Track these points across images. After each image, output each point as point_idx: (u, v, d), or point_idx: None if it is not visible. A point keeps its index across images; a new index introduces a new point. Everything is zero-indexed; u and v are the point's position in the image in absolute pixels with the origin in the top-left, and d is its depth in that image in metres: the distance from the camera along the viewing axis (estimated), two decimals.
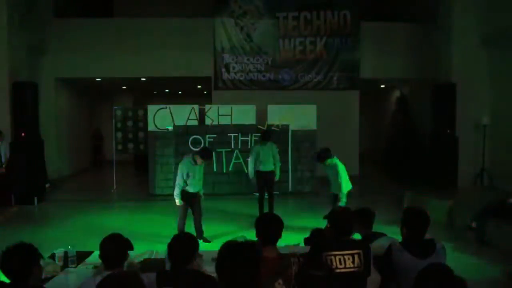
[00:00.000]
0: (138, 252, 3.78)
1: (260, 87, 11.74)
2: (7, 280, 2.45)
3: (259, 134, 9.66)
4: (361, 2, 12.02)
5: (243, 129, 9.73)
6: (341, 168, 5.92)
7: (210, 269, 2.83)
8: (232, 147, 9.72)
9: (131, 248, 2.78)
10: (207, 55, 11.61)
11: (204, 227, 6.18)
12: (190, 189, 5.98)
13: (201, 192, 6.21)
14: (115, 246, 2.68)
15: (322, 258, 2.80)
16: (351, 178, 6.09)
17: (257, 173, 7.29)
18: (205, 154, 5.94)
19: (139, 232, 6.40)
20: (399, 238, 3.12)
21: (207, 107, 10.05)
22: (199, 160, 5.91)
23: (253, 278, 2.07)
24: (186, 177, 5.89)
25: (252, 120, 9.94)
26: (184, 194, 5.98)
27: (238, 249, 2.15)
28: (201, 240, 5.98)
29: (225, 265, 2.08)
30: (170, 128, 9.67)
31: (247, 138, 9.71)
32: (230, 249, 2.14)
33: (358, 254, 2.87)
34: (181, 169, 5.90)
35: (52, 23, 11.19)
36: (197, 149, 9.59)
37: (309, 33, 11.83)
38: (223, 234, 6.39)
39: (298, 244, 3.93)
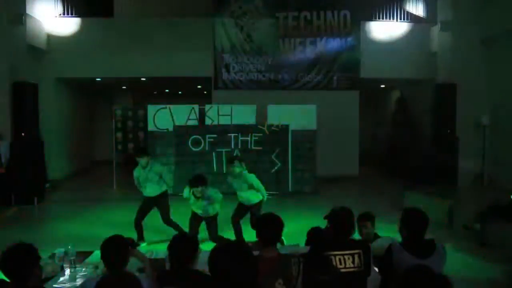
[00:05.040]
0: None
1: (260, 87, 11.73)
2: (7, 280, 2.45)
3: (259, 134, 9.69)
4: (361, 2, 12.02)
5: (243, 129, 9.72)
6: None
7: None
8: (232, 147, 9.71)
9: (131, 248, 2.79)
10: (207, 55, 11.60)
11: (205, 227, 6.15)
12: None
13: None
14: (116, 249, 2.69)
15: (327, 260, 2.79)
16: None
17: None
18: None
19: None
20: (399, 238, 3.13)
21: (207, 107, 10.05)
22: None
23: (248, 277, 2.04)
24: None
25: (252, 120, 9.93)
26: None
27: (231, 248, 2.13)
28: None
29: (220, 266, 2.05)
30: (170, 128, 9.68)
31: (247, 138, 9.70)
32: (223, 249, 2.11)
33: (358, 254, 2.87)
34: None
35: (52, 23, 11.19)
36: (197, 150, 9.67)
37: (309, 33, 11.83)
38: (223, 234, 6.38)
39: (298, 244, 3.93)
